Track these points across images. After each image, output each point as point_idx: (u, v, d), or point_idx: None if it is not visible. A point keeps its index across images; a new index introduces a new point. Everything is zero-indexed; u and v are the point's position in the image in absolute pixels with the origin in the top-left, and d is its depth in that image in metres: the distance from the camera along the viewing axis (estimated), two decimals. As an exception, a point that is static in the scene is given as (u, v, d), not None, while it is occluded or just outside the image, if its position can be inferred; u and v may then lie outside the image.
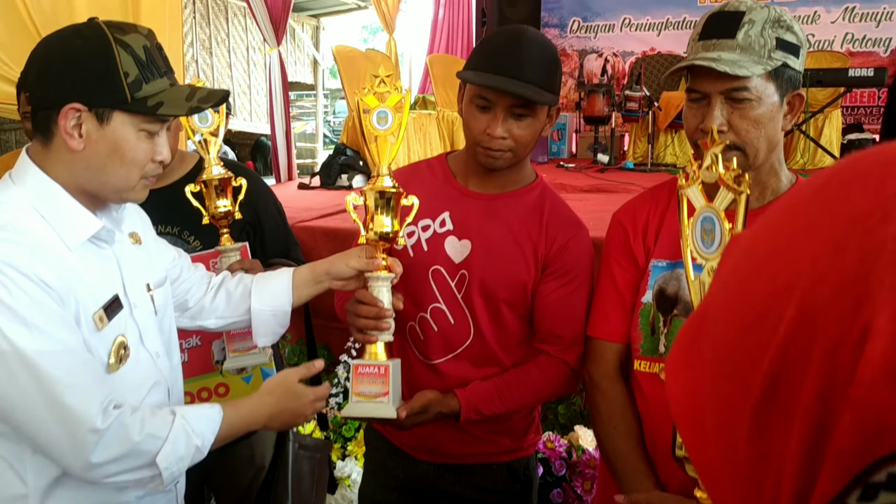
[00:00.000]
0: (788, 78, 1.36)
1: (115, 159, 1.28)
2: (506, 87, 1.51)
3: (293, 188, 5.90)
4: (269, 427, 1.50)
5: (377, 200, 1.53)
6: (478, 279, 1.65)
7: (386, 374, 1.54)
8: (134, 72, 1.26)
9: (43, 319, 1.18)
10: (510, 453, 1.78)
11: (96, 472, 1.22)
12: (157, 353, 1.43)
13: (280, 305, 1.62)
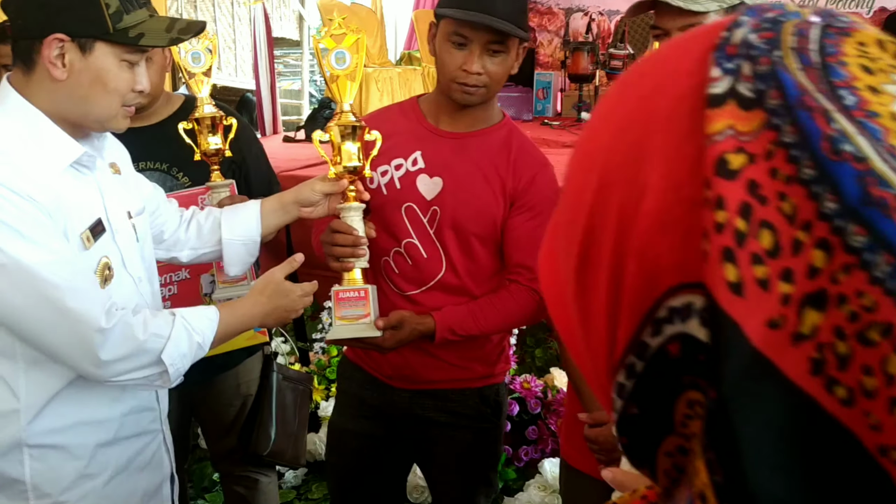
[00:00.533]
0: None
1: (98, 88, 1.34)
2: (488, 22, 1.58)
3: (278, 141, 5.94)
4: (265, 324, 1.59)
5: (342, 135, 1.61)
6: (449, 215, 1.73)
7: (366, 297, 1.64)
8: (115, 3, 1.31)
9: (37, 232, 1.24)
10: (482, 379, 1.88)
11: (107, 370, 1.29)
12: (140, 278, 1.49)
13: (249, 235, 1.68)
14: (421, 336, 1.71)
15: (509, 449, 3.00)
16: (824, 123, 0.34)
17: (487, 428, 1.92)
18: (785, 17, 0.40)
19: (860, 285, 0.32)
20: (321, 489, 3.05)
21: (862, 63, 0.37)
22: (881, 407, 0.31)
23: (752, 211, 0.35)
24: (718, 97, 0.37)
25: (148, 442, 1.55)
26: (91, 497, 1.43)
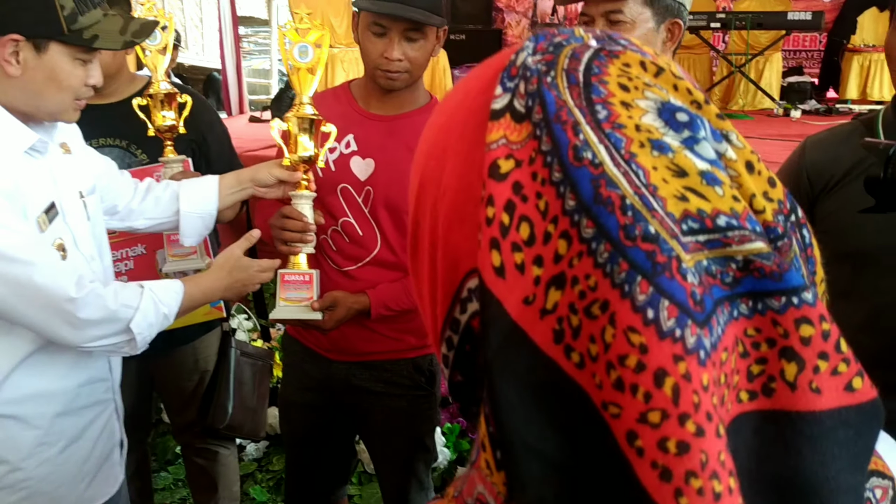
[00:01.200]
0: (666, 6, 1.51)
1: (51, 86, 1.40)
2: (400, 12, 1.67)
3: (244, 121, 5.97)
4: (227, 297, 1.67)
5: (299, 126, 1.69)
6: (382, 194, 1.82)
7: (311, 282, 1.73)
8: (69, 4, 1.36)
9: (1, 215, 1.30)
10: (415, 350, 1.97)
11: (82, 333, 1.37)
12: (91, 256, 1.56)
13: (206, 208, 1.75)
14: (357, 313, 1.80)
15: (463, 422, 3.11)
16: (572, 134, 0.40)
17: (422, 395, 2.01)
18: (568, 41, 0.46)
19: (588, 269, 0.38)
20: (281, 461, 3.14)
21: (621, 82, 0.43)
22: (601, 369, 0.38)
23: (515, 207, 0.41)
24: (498, 111, 0.43)
25: (101, 411, 1.62)
26: (47, 465, 1.50)
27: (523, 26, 9.38)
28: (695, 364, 0.36)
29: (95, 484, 1.62)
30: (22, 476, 1.48)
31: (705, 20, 6.52)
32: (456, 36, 8.53)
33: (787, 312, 0.39)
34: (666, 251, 0.37)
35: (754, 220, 0.40)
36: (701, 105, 0.43)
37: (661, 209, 0.38)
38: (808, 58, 8.40)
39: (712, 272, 0.38)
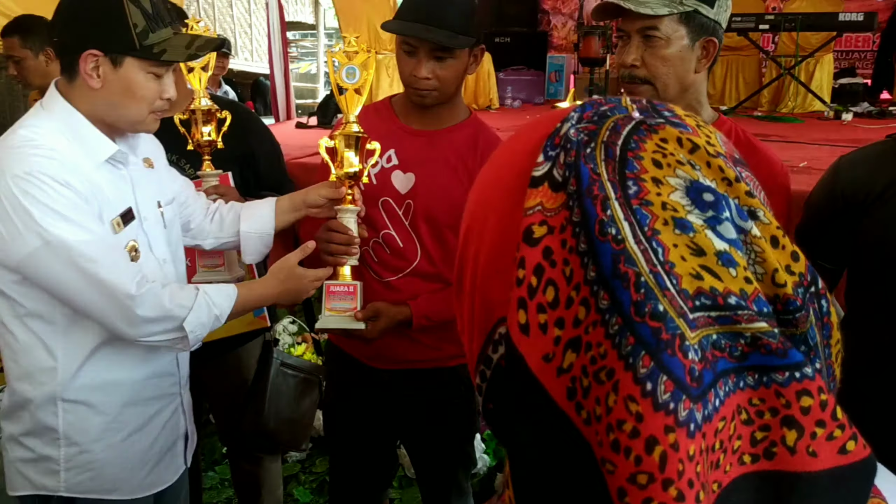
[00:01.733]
0: (701, 24, 1.54)
1: (128, 97, 1.52)
2: (421, 34, 1.71)
3: (291, 127, 6.07)
4: (280, 303, 1.76)
5: (346, 144, 1.75)
6: (422, 207, 1.86)
7: (355, 293, 1.79)
8: (142, 23, 1.48)
9: (76, 214, 1.43)
10: (455, 359, 2.00)
11: (139, 329, 1.48)
12: (164, 260, 1.68)
13: (265, 228, 1.86)
14: (399, 324, 1.85)
15: (504, 427, 3.13)
16: (601, 209, 0.43)
17: (462, 404, 2.05)
18: (612, 112, 0.49)
19: (600, 338, 0.42)
20: (324, 463, 3.21)
21: (655, 158, 0.46)
22: (603, 429, 0.42)
23: (543, 271, 0.45)
24: (537, 179, 0.47)
25: (167, 404, 1.74)
26: (112, 449, 1.63)
27: (569, 28, 9.35)
28: (683, 436, 0.40)
29: (157, 471, 1.73)
30: (90, 458, 1.61)
31: (753, 22, 6.43)
32: (501, 39, 8.54)
33: (789, 385, 0.43)
34: (671, 329, 0.40)
35: (763, 301, 0.43)
36: (731, 183, 0.46)
37: (674, 287, 0.42)
38: (861, 59, 8.22)
39: (721, 346, 0.42)
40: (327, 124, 5.82)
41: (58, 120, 1.52)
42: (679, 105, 1.60)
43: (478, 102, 7.35)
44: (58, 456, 1.60)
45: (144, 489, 1.71)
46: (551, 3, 9.39)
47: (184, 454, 1.82)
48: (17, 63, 3.19)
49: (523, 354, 0.45)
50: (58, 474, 1.61)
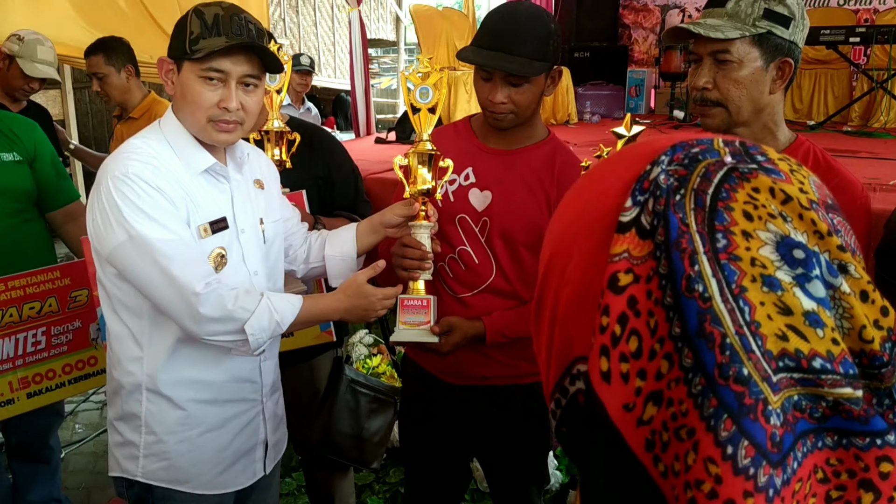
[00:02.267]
0: (776, 45, 1.52)
1: (185, 101, 1.61)
2: (495, 64, 1.75)
3: (370, 142, 6.18)
4: (346, 319, 1.79)
5: (419, 161, 1.80)
6: (498, 225, 1.89)
7: (428, 306, 1.83)
8: (197, 31, 1.55)
9: (160, 214, 1.54)
10: (529, 376, 2.00)
11: (202, 327, 1.56)
12: (256, 272, 1.75)
13: (348, 252, 1.93)
14: (473, 339, 1.87)
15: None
16: (688, 264, 0.44)
17: (535, 422, 2.05)
18: (704, 155, 0.48)
19: (682, 395, 0.43)
20: (398, 473, 3.25)
21: (746, 209, 0.45)
22: (680, 485, 0.42)
23: (627, 320, 0.45)
24: (625, 225, 0.47)
25: (246, 409, 1.80)
26: (186, 444, 1.71)
27: (650, 42, 9.24)
28: (762, 501, 0.40)
29: (231, 472, 1.79)
30: (164, 448, 1.70)
31: (843, 34, 6.23)
32: (580, 53, 8.51)
33: (869, 451, 0.42)
34: (754, 394, 0.41)
35: (849, 363, 0.42)
36: (823, 236, 0.45)
37: (758, 349, 0.42)
38: (961, 71, 7.83)
39: (802, 407, 0.42)
40: (406, 139, 5.89)
41: (165, 132, 1.65)
42: (754, 126, 1.59)
43: (556, 117, 7.34)
44: (139, 442, 1.70)
45: (216, 487, 1.77)
46: (632, 18, 9.31)
47: (263, 461, 1.87)
48: (100, 80, 3.42)
49: (603, 402, 0.46)
50: (137, 460, 1.71)
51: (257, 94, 1.65)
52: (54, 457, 3.03)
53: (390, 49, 12.08)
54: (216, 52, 1.55)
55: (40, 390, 2.46)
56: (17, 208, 2.58)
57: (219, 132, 1.62)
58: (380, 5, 10.93)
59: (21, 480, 2.97)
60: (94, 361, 2.59)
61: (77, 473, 3.57)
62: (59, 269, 2.50)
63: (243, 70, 1.59)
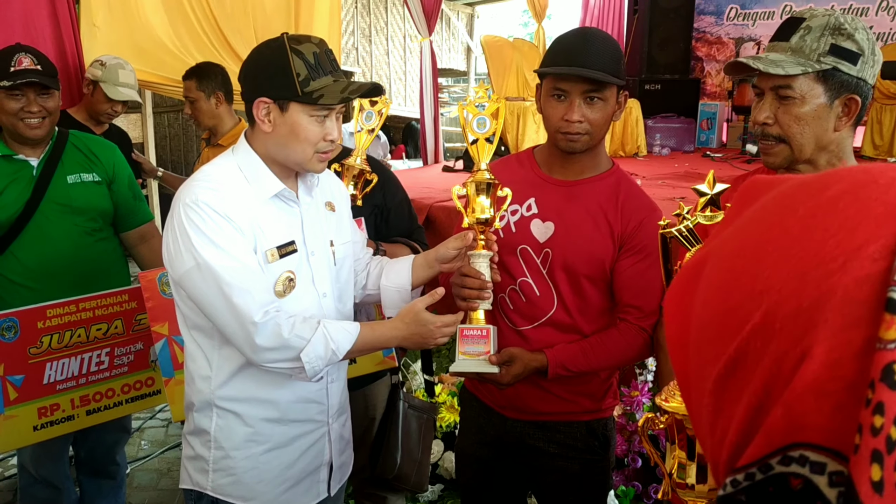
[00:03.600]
0: (841, 82, 1.47)
1: (294, 139, 1.66)
2: (578, 72, 1.74)
3: (438, 170, 6.22)
4: (405, 346, 1.80)
5: (477, 190, 1.79)
6: (560, 256, 1.86)
7: (487, 336, 1.80)
8: (304, 72, 1.62)
9: (227, 243, 1.59)
10: (589, 413, 1.97)
11: (259, 355, 1.60)
12: (325, 294, 1.78)
13: (402, 283, 1.93)
14: (534, 371, 1.84)
15: (639, 485, 3.03)
16: None
17: (595, 460, 2.01)
18: None
19: None
20: (454, 505, 3.21)
21: None
22: None
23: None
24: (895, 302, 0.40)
25: (312, 429, 1.82)
26: (252, 460, 1.75)
27: (723, 76, 9.11)
28: None
29: (295, 491, 1.81)
30: (232, 463, 1.74)
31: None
32: (651, 86, 8.43)
33: None
34: None
35: None
36: None
37: None
38: None
39: None
40: (473, 169, 5.90)
41: (239, 159, 1.71)
42: (818, 164, 1.52)
43: (625, 149, 7.27)
44: (208, 457, 1.75)
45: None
46: (705, 51, 9.20)
47: (328, 482, 1.88)
48: (192, 103, 3.56)
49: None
50: (207, 474, 1.76)
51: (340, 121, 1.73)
52: (120, 472, 3.10)
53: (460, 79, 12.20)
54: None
55: (99, 408, 2.51)
56: (94, 227, 2.68)
57: (320, 162, 1.70)
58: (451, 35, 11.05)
59: (88, 494, 3.04)
60: (152, 382, 2.64)
61: (142, 489, 3.64)
62: (127, 292, 2.56)
63: (342, 106, 1.68)
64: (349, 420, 1.98)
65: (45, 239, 2.56)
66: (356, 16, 9.85)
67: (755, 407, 0.46)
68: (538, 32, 8.85)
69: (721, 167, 6.43)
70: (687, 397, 0.55)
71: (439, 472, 3.39)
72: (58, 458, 2.81)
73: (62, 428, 2.44)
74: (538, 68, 1.87)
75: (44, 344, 2.37)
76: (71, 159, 2.63)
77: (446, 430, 3.46)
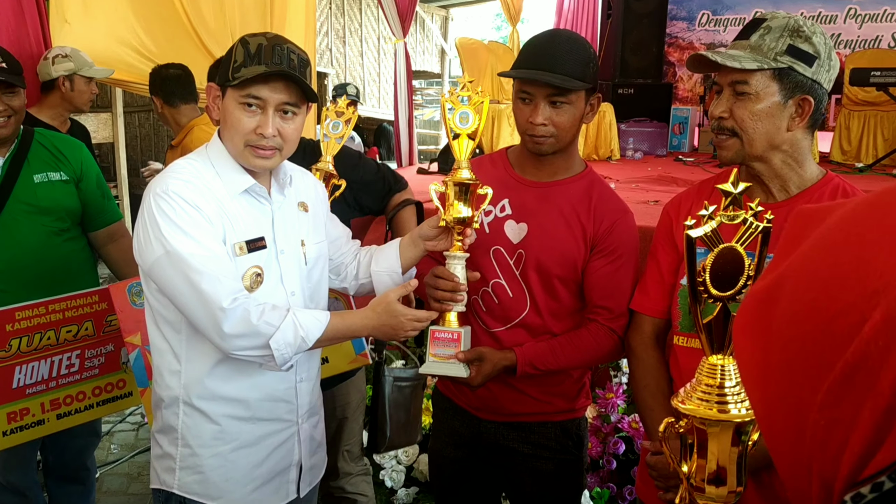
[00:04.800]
0: (796, 82, 1.51)
1: (226, 126, 1.65)
2: (537, 77, 1.74)
3: (412, 173, 6.21)
4: (375, 336, 1.78)
5: (456, 189, 1.77)
6: (534, 258, 1.86)
7: (458, 340, 1.79)
8: (241, 59, 1.60)
9: (195, 230, 1.58)
10: (563, 413, 1.98)
11: (227, 343, 1.58)
12: (293, 293, 1.75)
13: (392, 266, 1.91)
14: (504, 370, 1.83)
15: (613, 487, 3.04)
16: None
17: (569, 460, 2.01)
18: None
19: None
20: (428, 509, 3.20)
21: None
22: None
23: None
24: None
25: (281, 428, 1.80)
26: (219, 458, 1.73)
27: (695, 80, 9.20)
28: None
29: (263, 491, 1.79)
30: (198, 461, 1.73)
31: (894, 76, 6.14)
32: (624, 90, 8.48)
33: None
34: None
35: None
36: None
37: None
38: None
39: None
40: (448, 170, 5.89)
41: (210, 154, 1.70)
42: (771, 162, 1.55)
43: (598, 153, 7.31)
44: (175, 454, 1.73)
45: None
46: (677, 56, 9.29)
47: (297, 483, 1.86)
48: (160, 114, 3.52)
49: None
50: (174, 472, 1.74)
51: (296, 122, 1.67)
52: (90, 477, 3.05)
53: (434, 81, 12.19)
54: (254, 80, 1.58)
55: (70, 412, 2.46)
56: (62, 227, 2.63)
57: (255, 157, 1.65)
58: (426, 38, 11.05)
59: (56, 500, 2.99)
60: (123, 384, 2.60)
61: (112, 494, 3.58)
62: (97, 293, 2.52)
63: (281, 98, 1.62)
64: (322, 422, 1.96)
65: (12, 239, 2.51)
66: (330, 17, 9.81)
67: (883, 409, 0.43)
68: (513, 35, 8.88)
69: (693, 171, 6.49)
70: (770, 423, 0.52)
71: (414, 474, 3.38)
72: (26, 463, 2.75)
73: (32, 433, 2.39)
74: (502, 71, 1.87)
75: (13, 347, 2.32)
76: (37, 158, 2.58)
77: (422, 432, 3.44)
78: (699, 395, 1.09)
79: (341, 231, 1.98)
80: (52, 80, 3.42)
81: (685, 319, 1.67)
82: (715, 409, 1.07)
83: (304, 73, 1.64)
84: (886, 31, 7.94)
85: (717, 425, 1.07)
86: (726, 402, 1.07)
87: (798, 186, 1.59)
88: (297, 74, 1.61)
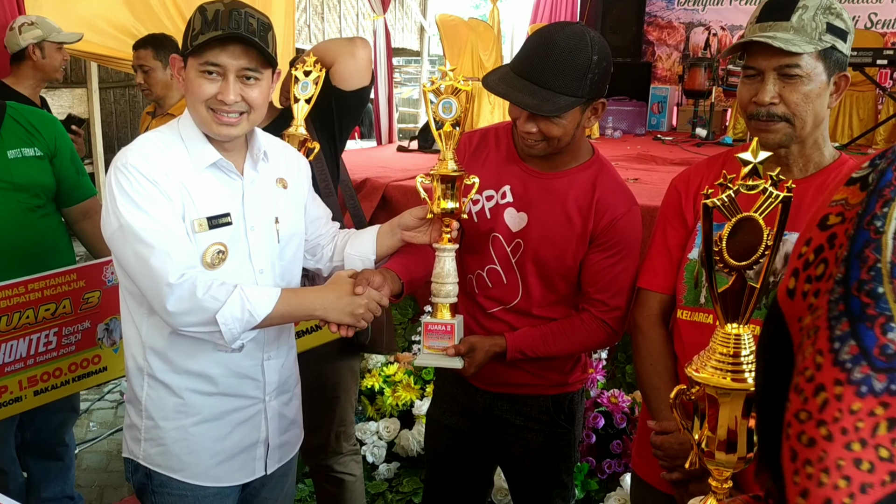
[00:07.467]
0: (836, 60, 1.51)
1: (189, 94, 1.63)
2: (514, 99, 1.70)
3: (392, 150, 6.19)
4: (327, 317, 1.69)
5: (442, 182, 1.74)
6: (531, 249, 1.85)
7: (452, 332, 1.80)
8: (199, 27, 1.57)
9: (149, 205, 1.56)
10: (556, 387, 1.99)
11: (174, 319, 1.57)
12: (261, 270, 1.73)
13: (366, 252, 1.88)
14: (495, 356, 1.85)
15: (593, 461, 3.08)
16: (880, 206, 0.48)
17: (560, 433, 2.03)
18: None
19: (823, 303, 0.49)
20: (412, 483, 3.22)
21: None
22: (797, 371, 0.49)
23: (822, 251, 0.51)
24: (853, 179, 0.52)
25: (247, 405, 1.79)
26: (181, 431, 1.73)
27: (674, 60, 9.21)
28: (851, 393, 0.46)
29: (228, 466, 1.79)
30: (161, 434, 1.73)
31: (871, 57, 6.18)
32: (604, 69, 8.47)
33: None
34: (881, 309, 0.46)
35: None
36: None
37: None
38: None
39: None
40: (427, 148, 5.90)
41: (180, 127, 1.68)
42: (808, 141, 1.52)
43: (578, 132, 7.31)
44: (140, 425, 1.74)
45: (211, 479, 1.77)
46: (657, 35, 9.29)
47: (264, 460, 1.85)
48: (145, 72, 3.43)
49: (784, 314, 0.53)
50: (140, 443, 1.76)
51: (260, 86, 1.63)
52: (68, 454, 3.03)
53: (413, 59, 12.10)
54: (211, 46, 1.56)
55: (46, 388, 2.46)
56: (37, 203, 2.59)
57: (219, 125, 1.62)
58: (405, 14, 10.95)
59: (35, 477, 2.96)
60: (98, 360, 2.59)
61: (90, 471, 3.57)
62: (75, 271, 2.49)
63: (240, 63, 1.59)
64: (296, 400, 1.94)
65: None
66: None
67: None
68: (493, 12, 8.82)
69: (672, 150, 6.51)
70: None
71: (395, 450, 3.39)
72: (3, 440, 2.73)
73: (10, 410, 2.37)
74: (491, 72, 1.81)
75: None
76: (10, 133, 2.54)
77: (402, 408, 3.46)
78: (713, 363, 1.10)
79: (322, 212, 1.95)
80: (22, 49, 3.36)
81: (690, 293, 1.67)
82: (729, 377, 1.08)
83: (266, 38, 1.60)
84: (863, 12, 7.98)
85: (730, 394, 1.08)
86: (741, 371, 1.08)
87: (816, 166, 1.59)
88: (256, 39, 1.57)
